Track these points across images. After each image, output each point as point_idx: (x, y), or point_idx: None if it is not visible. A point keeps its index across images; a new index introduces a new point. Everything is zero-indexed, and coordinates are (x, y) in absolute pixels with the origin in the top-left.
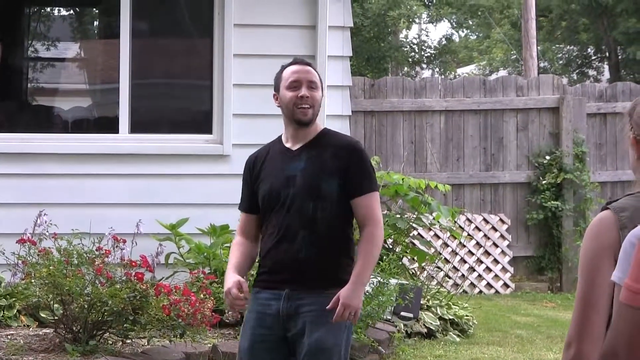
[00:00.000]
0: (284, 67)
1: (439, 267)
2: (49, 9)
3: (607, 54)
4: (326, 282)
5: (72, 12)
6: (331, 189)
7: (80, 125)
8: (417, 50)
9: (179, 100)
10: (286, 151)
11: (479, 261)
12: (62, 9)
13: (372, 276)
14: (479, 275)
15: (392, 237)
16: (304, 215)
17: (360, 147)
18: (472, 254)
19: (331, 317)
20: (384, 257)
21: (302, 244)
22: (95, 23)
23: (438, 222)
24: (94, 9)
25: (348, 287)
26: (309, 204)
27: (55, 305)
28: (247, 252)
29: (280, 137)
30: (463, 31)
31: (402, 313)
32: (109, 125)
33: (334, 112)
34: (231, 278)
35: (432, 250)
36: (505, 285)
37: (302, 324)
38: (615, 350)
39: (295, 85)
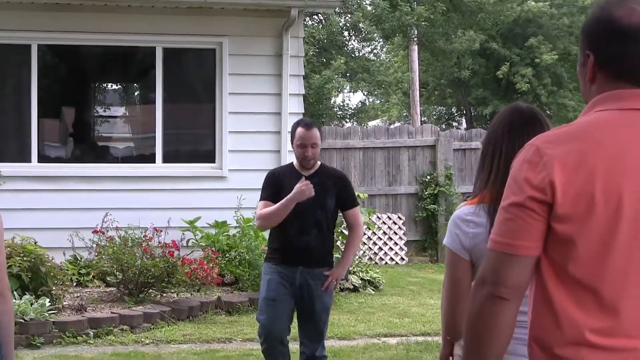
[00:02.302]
0: (297, 125)
1: (360, 247)
2: (106, 85)
3: (465, 112)
4: (323, 262)
5: (121, 86)
6: (330, 204)
7: (130, 158)
8: (342, 110)
9: (194, 142)
10: (300, 176)
11: (385, 243)
12: (114, 84)
13: None
14: (385, 253)
15: None
16: (316, 219)
17: (347, 178)
18: (381, 239)
19: (324, 287)
20: None
21: (313, 237)
22: (137, 93)
23: None
24: (136, 84)
25: (340, 268)
26: (318, 212)
27: (117, 272)
28: None
29: (291, 164)
30: (372, 97)
31: None
32: (149, 158)
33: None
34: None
35: None
36: (402, 258)
37: (309, 291)
38: (485, 277)
39: (302, 146)
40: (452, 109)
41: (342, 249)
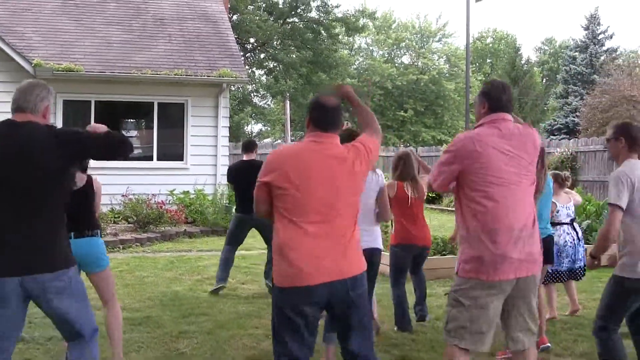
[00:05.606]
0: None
1: None
2: (129, 120)
3: None
4: None
5: (136, 120)
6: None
7: (141, 157)
8: (250, 134)
9: (173, 149)
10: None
11: None
12: (132, 119)
13: None
14: None
15: None
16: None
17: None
18: None
19: None
20: None
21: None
22: (144, 124)
23: None
24: (143, 120)
25: None
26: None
27: (133, 216)
28: None
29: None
30: (266, 127)
31: None
32: (150, 157)
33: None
34: None
35: None
36: None
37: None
38: (255, 205)
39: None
40: None
41: None
